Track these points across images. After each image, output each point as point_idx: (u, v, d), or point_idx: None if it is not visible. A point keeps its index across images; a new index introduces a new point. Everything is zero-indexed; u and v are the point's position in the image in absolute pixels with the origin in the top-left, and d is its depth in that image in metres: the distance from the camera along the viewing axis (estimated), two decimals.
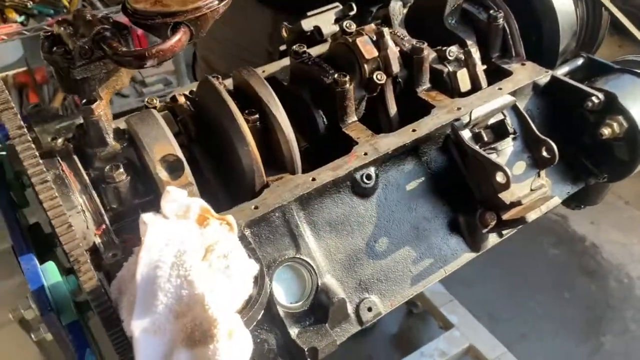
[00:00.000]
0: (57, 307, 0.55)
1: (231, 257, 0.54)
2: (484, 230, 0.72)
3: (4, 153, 0.69)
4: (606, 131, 0.76)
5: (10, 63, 2.60)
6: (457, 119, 0.73)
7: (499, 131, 0.73)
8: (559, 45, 0.85)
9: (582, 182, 0.83)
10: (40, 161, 0.54)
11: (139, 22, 0.58)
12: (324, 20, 0.88)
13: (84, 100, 0.59)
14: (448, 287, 1.92)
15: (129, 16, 0.58)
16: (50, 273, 0.57)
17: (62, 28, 0.59)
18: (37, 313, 0.55)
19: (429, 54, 0.79)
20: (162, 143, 0.61)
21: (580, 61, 0.86)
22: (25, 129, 0.53)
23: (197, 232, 0.54)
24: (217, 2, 0.58)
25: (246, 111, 0.66)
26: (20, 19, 1.97)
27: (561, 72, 0.84)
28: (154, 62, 0.54)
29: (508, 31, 0.85)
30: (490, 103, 0.73)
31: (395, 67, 0.76)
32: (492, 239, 0.76)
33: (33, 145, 0.53)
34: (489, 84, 0.80)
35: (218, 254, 0.54)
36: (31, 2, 2.00)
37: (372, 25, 0.81)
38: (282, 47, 0.91)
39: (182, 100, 0.70)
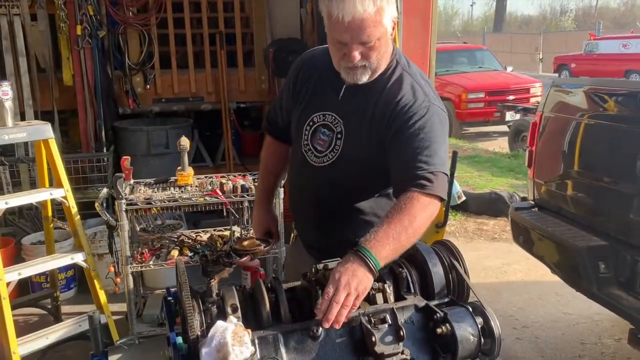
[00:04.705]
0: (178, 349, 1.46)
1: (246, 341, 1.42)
2: None
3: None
4: (439, 330, 1.54)
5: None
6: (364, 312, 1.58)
7: (383, 320, 1.56)
8: (434, 291, 1.69)
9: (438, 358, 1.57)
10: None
11: (235, 252, 1.58)
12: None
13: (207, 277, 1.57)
14: None
15: (233, 251, 1.59)
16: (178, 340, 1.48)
17: (206, 253, 1.61)
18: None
19: None
20: (232, 299, 1.55)
21: (446, 299, 1.68)
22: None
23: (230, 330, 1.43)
24: (263, 247, 1.57)
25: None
26: (190, 254, 3.19)
27: (433, 303, 1.66)
28: (238, 265, 1.52)
29: (410, 280, 1.72)
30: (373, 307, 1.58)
31: None
32: None
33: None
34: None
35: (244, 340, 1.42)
36: (199, 245, 3.24)
37: None
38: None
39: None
